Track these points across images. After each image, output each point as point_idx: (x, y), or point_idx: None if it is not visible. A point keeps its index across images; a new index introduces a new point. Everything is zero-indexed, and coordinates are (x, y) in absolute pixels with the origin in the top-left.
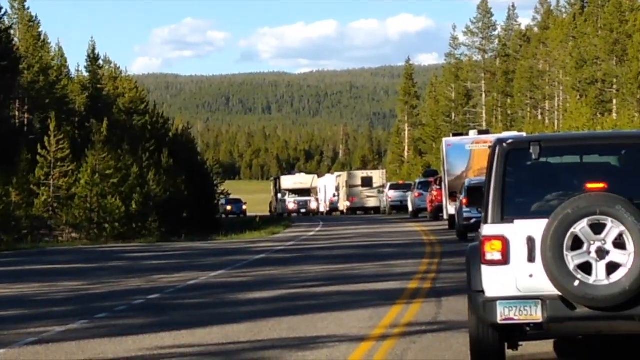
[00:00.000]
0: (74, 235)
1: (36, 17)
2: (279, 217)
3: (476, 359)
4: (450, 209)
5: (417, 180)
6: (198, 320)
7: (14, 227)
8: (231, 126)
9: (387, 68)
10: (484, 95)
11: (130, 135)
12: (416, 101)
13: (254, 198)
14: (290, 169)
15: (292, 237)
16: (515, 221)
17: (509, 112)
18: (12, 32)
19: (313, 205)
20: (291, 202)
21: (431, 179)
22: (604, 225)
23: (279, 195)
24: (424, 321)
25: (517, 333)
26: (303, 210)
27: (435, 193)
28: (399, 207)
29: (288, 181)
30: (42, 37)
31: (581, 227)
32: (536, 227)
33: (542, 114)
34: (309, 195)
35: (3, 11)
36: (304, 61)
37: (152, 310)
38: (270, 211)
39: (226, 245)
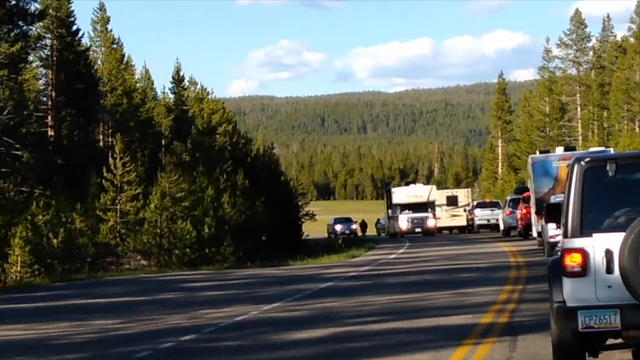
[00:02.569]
0: (143, 262)
1: (119, 39)
2: (392, 238)
3: None
4: (538, 226)
5: (508, 198)
6: None
7: (76, 255)
8: (326, 146)
9: (482, 85)
10: (579, 109)
11: (207, 156)
12: (509, 116)
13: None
14: (384, 186)
15: (370, 261)
16: (594, 235)
17: (605, 125)
18: (90, 54)
19: (430, 223)
20: (404, 220)
21: (522, 196)
22: None
23: (389, 212)
24: None
25: (597, 341)
26: (418, 230)
27: (524, 211)
28: (486, 226)
29: (400, 194)
30: (125, 60)
31: None
32: (614, 240)
33: (639, 126)
34: (425, 210)
35: (81, 33)
36: (399, 80)
37: (177, 356)
38: (377, 231)
39: (297, 271)
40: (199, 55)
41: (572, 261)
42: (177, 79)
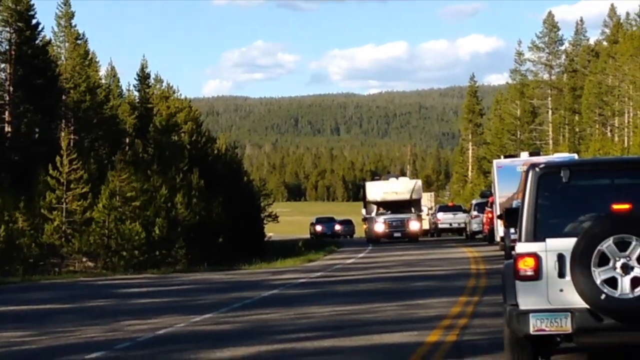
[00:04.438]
0: (89, 264)
1: (83, 34)
2: (370, 242)
3: None
4: (501, 231)
5: (474, 202)
6: None
7: (16, 256)
8: (299, 147)
9: (457, 88)
10: (550, 113)
11: (163, 155)
12: (480, 119)
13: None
14: (356, 190)
15: (325, 267)
16: (547, 240)
17: (577, 129)
18: (54, 48)
19: (413, 226)
20: (379, 222)
21: (488, 200)
22: (628, 243)
23: (363, 212)
24: None
25: (548, 344)
26: (397, 235)
27: (490, 215)
28: (448, 230)
29: (376, 190)
30: (89, 56)
31: (607, 245)
32: (566, 245)
33: (611, 131)
34: (408, 210)
35: (41, 27)
36: (373, 82)
37: None
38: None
39: (245, 276)
40: (174, 54)
41: (525, 265)
42: (142, 76)
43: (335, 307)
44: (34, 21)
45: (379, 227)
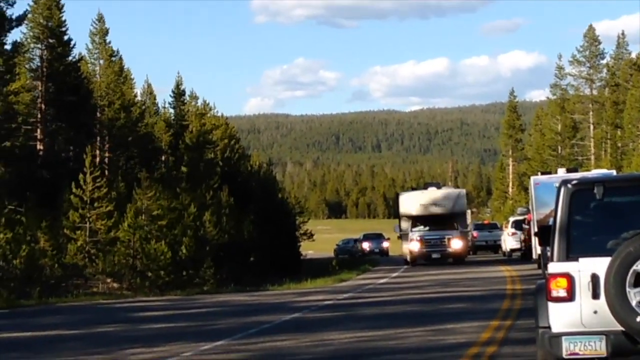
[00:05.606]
0: (113, 285)
1: (117, 51)
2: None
3: None
4: (538, 249)
5: (511, 219)
6: None
7: (36, 277)
8: (339, 164)
9: (498, 104)
10: (591, 127)
11: (193, 173)
12: (521, 135)
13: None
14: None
15: (355, 287)
16: (580, 259)
17: (619, 144)
18: (88, 65)
19: (456, 245)
20: (414, 240)
21: (526, 218)
22: None
23: (396, 227)
24: None
25: None
26: (436, 256)
27: (528, 233)
28: (484, 247)
29: (411, 201)
30: (124, 73)
31: None
32: (600, 265)
33: None
34: (450, 225)
35: (73, 43)
36: (415, 99)
37: None
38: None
39: (270, 298)
40: (215, 73)
41: (558, 286)
42: (177, 93)
43: (357, 332)
44: (65, 37)
45: (414, 246)
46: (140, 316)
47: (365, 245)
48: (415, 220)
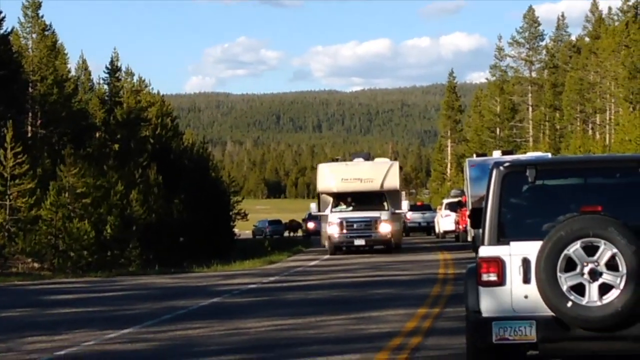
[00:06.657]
0: (35, 265)
1: (50, 25)
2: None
3: None
4: (472, 232)
5: (445, 201)
6: None
7: None
8: (280, 144)
9: (439, 86)
10: (530, 109)
11: (123, 150)
12: (460, 116)
13: None
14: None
15: (284, 269)
16: (511, 243)
17: (558, 126)
18: (20, 40)
19: (384, 229)
20: (334, 224)
21: (461, 199)
22: (597, 247)
23: (312, 207)
24: None
25: (513, 353)
26: (360, 242)
27: (465, 215)
28: (417, 229)
29: (332, 176)
30: (57, 48)
31: (574, 249)
32: (531, 249)
33: (592, 128)
34: (380, 206)
35: (2, 16)
36: (356, 79)
37: None
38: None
39: (192, 281)
40: (155, 51)
41: (488, 270)
42: (112, 69)
43: (277, 320)
44: None
45: (333, 230)
46: (51, 299)
47: (311, 225)
48: (337, 198)
